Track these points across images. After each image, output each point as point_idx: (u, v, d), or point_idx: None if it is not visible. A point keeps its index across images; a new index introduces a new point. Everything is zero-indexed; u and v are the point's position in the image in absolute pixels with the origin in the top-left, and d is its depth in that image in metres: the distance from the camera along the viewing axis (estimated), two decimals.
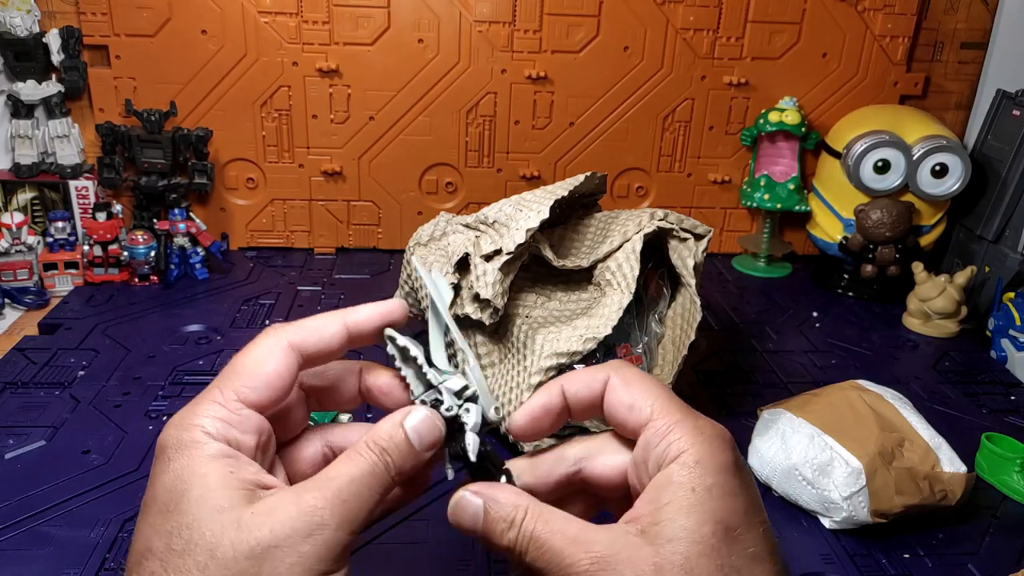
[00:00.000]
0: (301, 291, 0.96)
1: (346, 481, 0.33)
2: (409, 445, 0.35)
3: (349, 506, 0.32)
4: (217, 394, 0.35)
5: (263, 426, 0.35)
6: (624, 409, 0.35)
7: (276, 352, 0.36)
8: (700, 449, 0.33)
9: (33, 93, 0.96)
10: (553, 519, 0.33)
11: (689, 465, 0.32)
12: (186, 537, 0.31)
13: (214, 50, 0.99)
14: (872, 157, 0.98)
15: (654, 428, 0.34)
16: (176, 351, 0.82)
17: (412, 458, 0.35)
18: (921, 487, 0.59)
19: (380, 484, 0.34)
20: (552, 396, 0.37)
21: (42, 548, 0.55)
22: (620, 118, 1.06)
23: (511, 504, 0.34)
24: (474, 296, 0.67)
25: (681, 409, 0.35)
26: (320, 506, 0.32)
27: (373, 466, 0.34)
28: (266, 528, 0.31)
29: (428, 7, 0.99)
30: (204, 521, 0.31)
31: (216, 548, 0.30)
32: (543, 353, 0.64)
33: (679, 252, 0.69)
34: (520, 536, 0.33)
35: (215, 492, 0.32)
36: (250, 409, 0.35)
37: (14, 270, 0.95)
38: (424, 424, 0.36)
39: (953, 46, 1.08)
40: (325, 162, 1.05)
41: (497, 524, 0.34)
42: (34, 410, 0.71)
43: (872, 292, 1.02)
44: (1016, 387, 0.83)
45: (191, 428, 0.33)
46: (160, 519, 0.32)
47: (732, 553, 0.32)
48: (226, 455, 0.33)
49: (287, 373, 0.36)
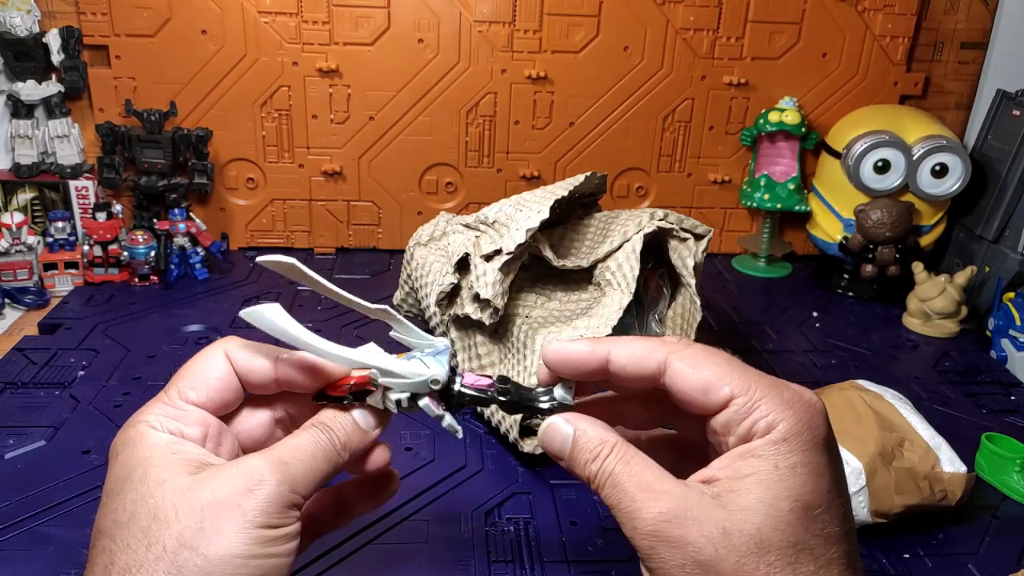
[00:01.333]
0: (301, 291, 0.96)
1: (288, 448, 0.34)
2: (355, 425, 0.37)
3: (290, 467, 0.33)
4: (162, 395, 0.37)
5: (209, 420, 0.37)
6: (699, 394, 0.33)
7: (215, 359, 0.38)
8: (789, 426, 0.32)
9: (33, 93, 0.96)
10: (635, 461, 0.33)
11: (776, 442, 0.31)
12: (130, 510, 0.32)
13: (214, 50, 0.99)
14: (872, 157, 0.98)
15: (737, 405, 0.32)
16: (176, 351, 0.82)
17: (359, 437, 0.37)
18: (921, 487, 0.59)
19: (324, 453, 0.35)
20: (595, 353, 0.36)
21: (42, 548, 0.55)
22: (620, 118, 1.06)
23: (599, 438, 0.35)
24: (474, 296, 0.67)
25: (763, 382, 0.33)
26: (259, 464, 0.33)
27: (316, 438, 0.35)
28: (207, 488, 0.32)
29: (428, 7, 0.99)
30: (147, 493, 0.32)
31: (158, 511, 0.31)
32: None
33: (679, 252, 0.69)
34: (601, 470, 0.34)
35: (157, 468, 0.33)
36: (193, 406, 0.36)
37: (14, 270, 0.95)
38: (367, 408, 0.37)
39: (953, 46, 1.08)
40: (325, 162, 1.05)
41: (582, 454, 0.35)
42: (34, 410, 0.71)
43: (872, 292, 1.02)
44: (1016, 387, 0.83)
45: (136, 424, 0.35)
46: (107, 500, 0.33)
47: (808, 531, 0.31)
48: (170, 441, 0.34)
49: (226, 376, 0.37)
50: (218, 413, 0.37)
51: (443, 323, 0.73)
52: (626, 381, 0.36)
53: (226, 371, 0.37)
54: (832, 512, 0.32)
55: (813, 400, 0.33)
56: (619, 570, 0.56)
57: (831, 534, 0.31)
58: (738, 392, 0.33)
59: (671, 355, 0.34)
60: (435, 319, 0.73)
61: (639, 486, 0.32)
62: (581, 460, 0.35)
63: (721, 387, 0.33)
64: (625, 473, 0.33)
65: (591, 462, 0.34)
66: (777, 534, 0.30)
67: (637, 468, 0.33)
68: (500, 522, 0.60)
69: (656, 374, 0.35)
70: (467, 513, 0.61)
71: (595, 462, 0.34)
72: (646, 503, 0.32)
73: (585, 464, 0.34)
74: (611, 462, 0.34)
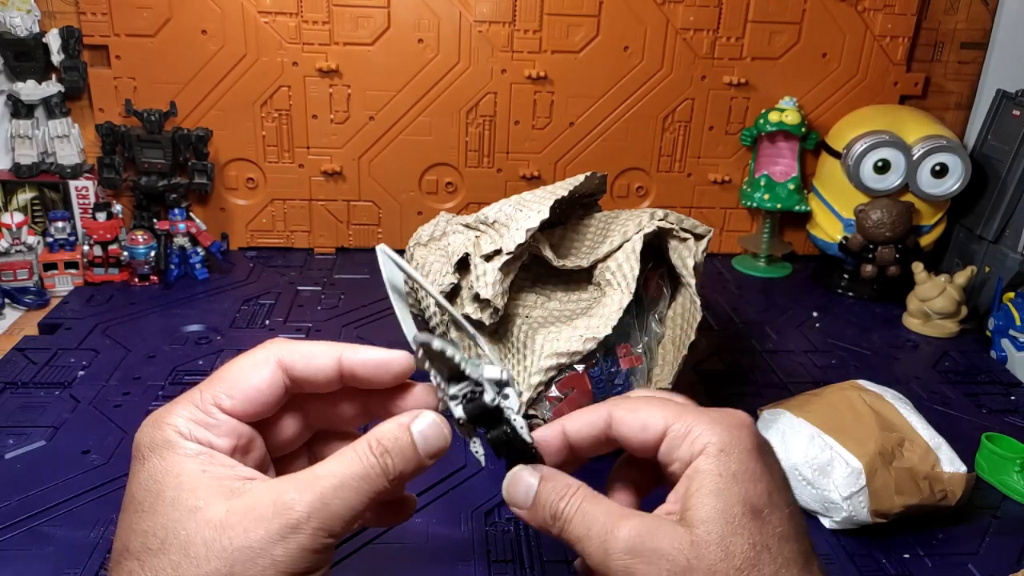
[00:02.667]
0: (301, 291, 0.96)
1: (333, 484, 0.32)
2: (414, 449, 0.34)
3: (330, 509, 0.31)
4: (196, 396, 0.35)
5: (241, 430, 0.35)
6: (638, 432, 0.37)
7: (263, 366, 0.35)
8: (721, 439, 0.34)
9: (33, 93, 0.96)
10: (600, 498, 0.36)
11: (713, 455, 0.34)
12: (161, 537, 0.31)
13: (214, 50, 0.99)
14: (872, 157, 0.98)
15: (673, 434, 0.36)
16: (176, 351, 0.82)
17: (414, 463, 0.34)
18: (921, 487, 0.59)
19: (372, 488, 0.33)
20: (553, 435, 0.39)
21: (42, 548, 0.55)
22: (620, 118, 1.06)
23: (565, 483, 0.36)
24: (474, 296, 0.67)
25: (693, 410, 0.36)
26: (298, 509, 0.31)
27: (369, 469, 0.33)
28: (240, 528, 0.30)
29: (428, 7, 0.99)
30: (179, 521, 0.31)
31: (189, 547, 0.30)
32: (543, 353, 0.64)
33: (679, 252, 0.69)
34: (568, 506, 0.35)
35: (189, 492, 0.32)
36: (226, 415, 0.34)
37: (14, 270, 0.95)
38: (432, 429, 0.35)
39: (953, 46, 1.08)
40: (325, 162, 1.05)
41: (550, 496, 0.36)
42: (34, 410, 0.71)
43: (872, 292, 1.02)
44: (1016, 387, 0.83)
45: (164, 427, 0.33)
46: (136, 518, 0.32)
47: (762, 533, 0.33)
48: (199, 453, 0.33)
49: (269, 388, 0.35)
50: (250, 421, 0.35)
51: (443, 323, 0.73)
52: (587, 447, 0.39)
53: (270, 380, 0.35)
54: (778, 514, 0.34)
55: (741, 415, 0.36)
56: None
57: (782, 534, 0.33)
58: (671, 421, 0.36)
59: (612, 408, 0.38)
60: (435, 319, 0.73)
61: (608, 513, 0.34)
62: (547, 502, 0.36)
63: (656, 420, 0.36)
64: (594, 505, 0.35)
65: (558, 500, 0.35)
66: (738, 538, 0.32)
67: (604, 502, 0.35)
68: (500, 522, 0.60)
69: (605, 430, 0.38)
70: (467, 513, 0.61)
71: (563, 500, 0.35)
72: (618, 524, 0.34)
73: (552, 504, 0.35)
74: (579, 498, 0.35)
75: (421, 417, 0.35)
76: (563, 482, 0.36)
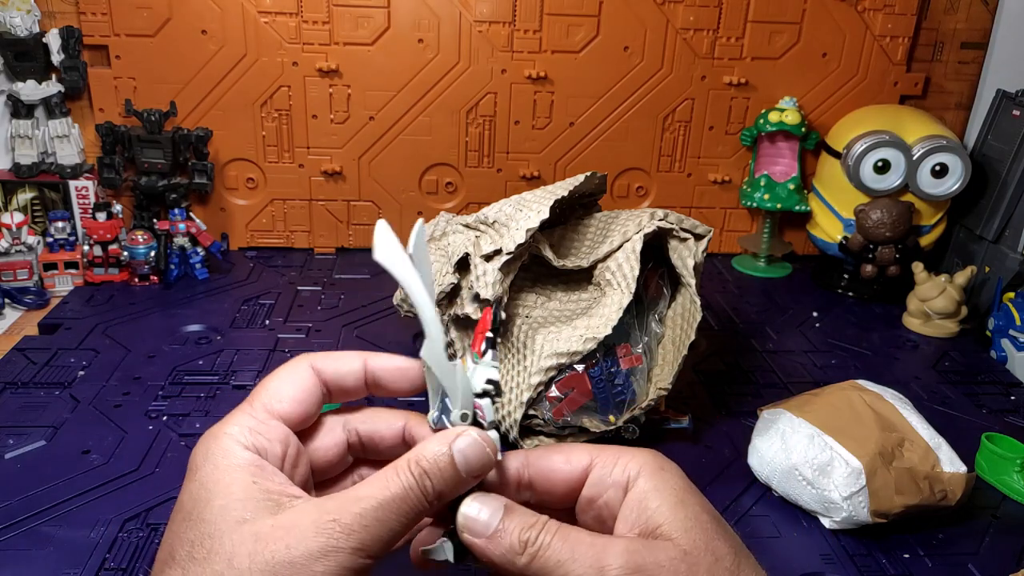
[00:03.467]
0: (301, 291, 0.96)
1: (373, 505, 0.32)
2: (454, 469, 0.34)
3: (370, 531, 0.31)
4: (246, 406, 0.36)
5: (290, 439, 0.37)
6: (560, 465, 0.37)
7: (300, 371, 0.38)
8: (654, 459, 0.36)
9: (33, 93, 0.96)
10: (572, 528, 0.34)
11: (656, 474, 0.35)
12: (207, 546, 0.31)
13: (214, 50, 0.99)
14: (872, 157, 0.98)
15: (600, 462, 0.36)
16: (176, 351, 0.82)
17: (455, 484, 0.34)
18: (921, 487, 0.59)
19: (411, 510, 0.33)
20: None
21: (42, 548, 0.55)
22: (620, 118, 1.06)
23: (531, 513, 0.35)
24: (474, 296, 0.67)
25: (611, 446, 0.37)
26: (338, 529, 0.31)
27: (407, 491, 0.33)
28: (283, 543, 0.31)
29: (428, 7, 0.99)
30: (225, 531, 0.31)
31: (233, 559, 0.31)
32: (543, 353, 0.64)
33: (679, 252, 0.69)
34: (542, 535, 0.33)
35: (238, 502, 0.32)
36: (277, 420, 0.36)
37: (14, 270, 0.95)
38: (473, 448, 0.34)
39: (953, 46, 1.08)
40: (325, 162, 1.05)
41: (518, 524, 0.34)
42: (34, 410, 0.71)
43: (872, 292, 1.02)
44: (1016, 387, 0.83)
45: (220, 437, 0.34)
46: (184, 527, 0.32)
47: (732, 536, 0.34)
48: (252, 464, 0.33)
49: (310, 394, 0.38)
50: (298, 427, 0.37)
51: (443, 323, 0.73)
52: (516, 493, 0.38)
53: (309, 384, 0.38)
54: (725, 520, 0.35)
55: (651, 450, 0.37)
56: None
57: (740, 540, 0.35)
58: (595, 453, 0.36)
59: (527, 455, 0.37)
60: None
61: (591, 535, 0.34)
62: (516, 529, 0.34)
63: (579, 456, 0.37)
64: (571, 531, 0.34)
65: (528, 529, 0.34)
66: (719, 542, 0.33)
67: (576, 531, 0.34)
68: None
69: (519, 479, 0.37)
70: None
71: (533, 529, 0.34)
72: (608, 544, 0.33)
73: (522, 531, 0.34)
74: (553, 525, 0.34)
75: (463, 436, 0.34)
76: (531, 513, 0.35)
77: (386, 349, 0.40)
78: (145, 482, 0.62)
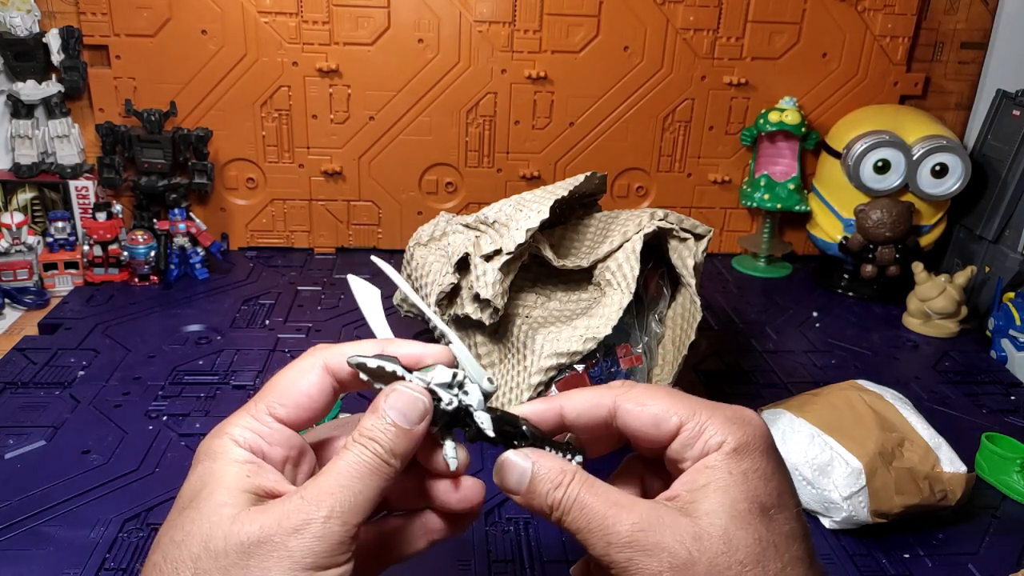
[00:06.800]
0: (301, 291, 0.96)
1: (332, 476, 0.33)
2: (396, 425, 0.35)
3: (337, 498, 0.32)
4: (251, 407, 0.36)
5: (294, 442, 0.36)
6: (651, 428, 0.36)
7: (310, 372, 0.37)
8: (736, 437, 0.34)
9: (33, 93, 0.96)
10: (597, 485, 0.35)
11: (727, 452, 0.34)
12: (187, 529, 0.32)
13: (214, 50, 0.99)
14: (872, 157, 0.98)
15: (687, 430, 0.35)
16: (176, 351, 0.82)
17: (404, 438, 0.35)
18: (921, 487, 0.59)
19: (371, 471, 0.34)
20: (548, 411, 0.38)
21: (42, 548, 0.55)
22: (620, 118, 1.06)
23: (559, 468, 0.35)
24: (474, 296, 0.67)
25: (706, 406, 0.36)
26: (306, 501, 0.32)
27: (359, 455, 0.34)
28: (256, 524, 0.31)
29: (428, 7, 0.99)
30: (205, 515, 0.32)
31: (209, 540, 0.31)
32: (543, 353, 0.64)
33: (679, 252, 0.69)
34: (566, 496, 0.34)
35: (226, 490, 0.33)
36: (281, 424, 0.36)
37: (14, 270, 0.95)
38: (402, 400, 0.35)
39: (953, 46, 1.08)
40: (325, 162, 1.05)
41: (543, 484, 0.35)
42: (34, 410, 0.71)
43: (872, 292, 1.02)
44: (1016, 387, 0.83)
45: (222, 436, 0.35)
46: (174, 515, 0.33)
47: (769, 530, 0.33)
48: (249, 461, 0.34)
49: (319, 393, 0.37)
50: (303, 427, 0.37)
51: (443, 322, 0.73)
52: (584, 431, 0.38)
53: (318, 385, 0.37)
54: (786, 513, 0.34)
55: (753, 416, 0.36)
56: None
57: (789, 533, 0.34)
58: (686, 419, 0.35)
59: (618, 398, 0.37)
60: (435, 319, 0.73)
61: (608, 503, 0.34)
62: (542, 490, 0.35)
63: (669, 417, 0.35)
64: (591, 495, 0.34)
65: (554, 490, 0.35)
66: (743, 533, 0.32)
67: (602, 490, 0.35)
68: (500, 522, 0.60)
69: (608, 419, 0.37)
70: None
71: (558, 489, 0.35)
72: (618, 516, 0.33)
73: (547, 493, 0.35)
74: (575, 487, 0.35)
75: (391, 395, 0.35)
76: (557, 467, 0.35)
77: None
78: (145, 482, 0.62)
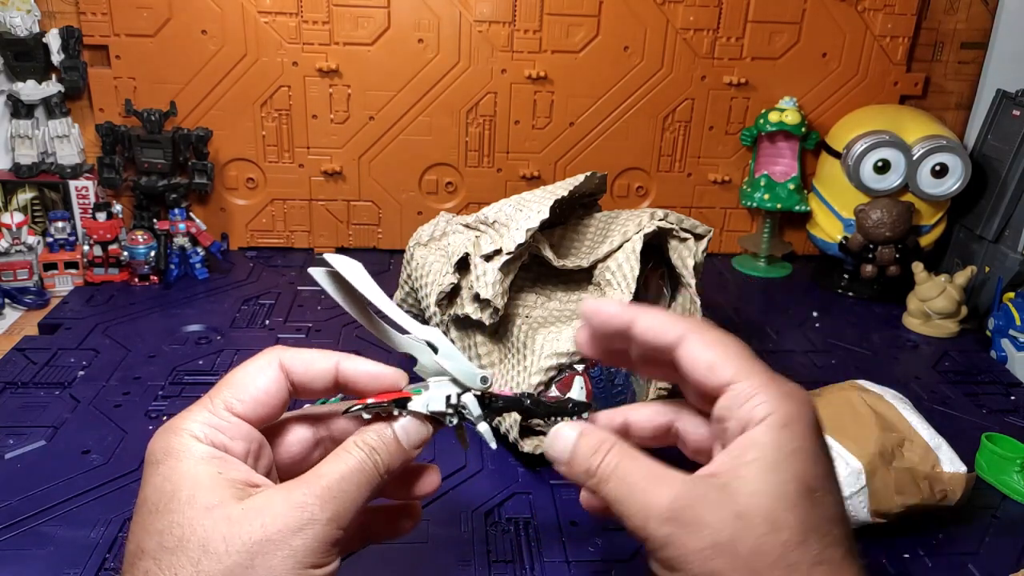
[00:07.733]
0: (301, 291, 0.96)
1: (335, 478, 0.34)
2: (398, 443, 0.36)
3: (338, 502, 0.33)
4: (207, 402, 0.36)
5: (253, 435, 0.36)
6: (703, 368, 0.35)
7: (267, 369, 0.37)
8: (787, 413, 0.33)
9: (33, 93, 0.96)
10: (639, 456, 0.35)
11: (776, 427, 0.32)
12: (178, 535, 0.31)
13: (214, 50, 0.99)
14: (872, 157, 0.98)
15: (738, 390, 0.34)
16: (176, 351, 0.82)
17: (400, 456, 0.36)
18: (921, 487, 0.59)
19: (368, 482, 0.35)
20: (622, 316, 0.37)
21: (42, 548, 0.55)
22: (620, 118, 1.06)
23: (600, 437, 0.35)
24: (474, 296, 0.67)
25: (765, 372, 0.34)
26: (310, 502, 0.33)
27: (362, 463, 0.35)
28: (258, 523, 0.31)
29: (428, 7, 0.99)
30: (195, 518, 0.32)
31: (208, 543, 0.31)
32: (543, 353, 0.64)
33: (679, 252, 0.69)
34: (604, 463, 0.34)
35: (204, 491, 0.32)
36: (238, 419, 0.36)
37: (14, 270, 0.95)
38: (411, 424, 0.37)
39: (953, 46, 1.08)
40: (325, 162, 1.05)
41: (584, 451, 0.35)
42: (34, 410, 0.71)
43: (872, 292, 1.02)
44: (1016, 387, 0.83)
45: (179, 432, 0.34)
46: (151, 519, 0.32)
47: (813, 512, 0.32)
48: (214, 456, 0.34)
49: (275, 389, 0.37)
50: (260, 425, 0.37)
51: (443, 323, 0.73)
52: (643, 346, 0.37)
53: (275, 382, 0.37)
54: (831, 496, 0.33)
55: (805, 394, 0.35)
56: (619, 570, 0.56)
57: (832, 516, 0.33)
58: (740, 377, 0.34)
59: (689, 331, 0.35)
60: (435, 319, 0.73)
61: (647, 476, 0.33)
62: (583, 458, 0.35)
63: (726, 368, 0.34)
64: (631, 466, 0.34)
65: (593, 456, 0.35)
66: (788, 514, 0.31)
67: (643, 461, 0.34)
68: (500, 522, 0.60)
69: (671, 346, 0.36)
70: (467, 513, 0.61)
71: (596, 455, 0.35)
72: (658, 490, 0.32)
73: (587, 459, 0.35)
74: (614, 456, 0.35)
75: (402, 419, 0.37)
76: (598, 436, 0.35)
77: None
78: None
